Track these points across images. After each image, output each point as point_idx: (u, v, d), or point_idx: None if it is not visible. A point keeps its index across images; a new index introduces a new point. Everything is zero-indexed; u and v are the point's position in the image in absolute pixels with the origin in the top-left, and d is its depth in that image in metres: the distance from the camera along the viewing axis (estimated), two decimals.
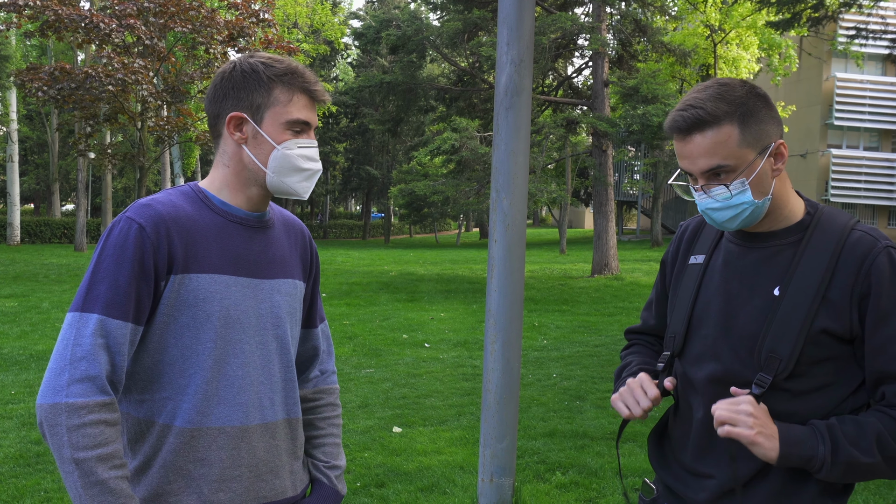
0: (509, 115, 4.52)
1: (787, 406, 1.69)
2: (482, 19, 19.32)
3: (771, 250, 1.75)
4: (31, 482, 5.12)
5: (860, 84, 37.49)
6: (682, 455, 1.86)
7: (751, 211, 1.69)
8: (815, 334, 1.65)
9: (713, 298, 1.80)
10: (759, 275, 1.74)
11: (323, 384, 2.11)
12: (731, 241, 1.83)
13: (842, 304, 1.65)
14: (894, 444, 1.61)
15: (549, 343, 10.76)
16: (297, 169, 1.83)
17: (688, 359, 1.84)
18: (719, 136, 1.66)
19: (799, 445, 1.62)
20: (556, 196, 18.48)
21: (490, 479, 4.59)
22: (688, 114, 1.67)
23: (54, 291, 15.62)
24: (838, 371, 1.69)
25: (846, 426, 1.63)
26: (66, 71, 16.98)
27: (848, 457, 1.60)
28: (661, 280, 2.05)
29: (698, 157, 1.68)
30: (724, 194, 1.69)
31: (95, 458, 1.58)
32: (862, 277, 1.64)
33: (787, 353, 1.66)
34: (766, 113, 1.71)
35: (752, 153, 1.68)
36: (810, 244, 1.71)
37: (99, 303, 1.66)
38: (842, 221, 1.73)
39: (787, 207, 1.76)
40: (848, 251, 1.67)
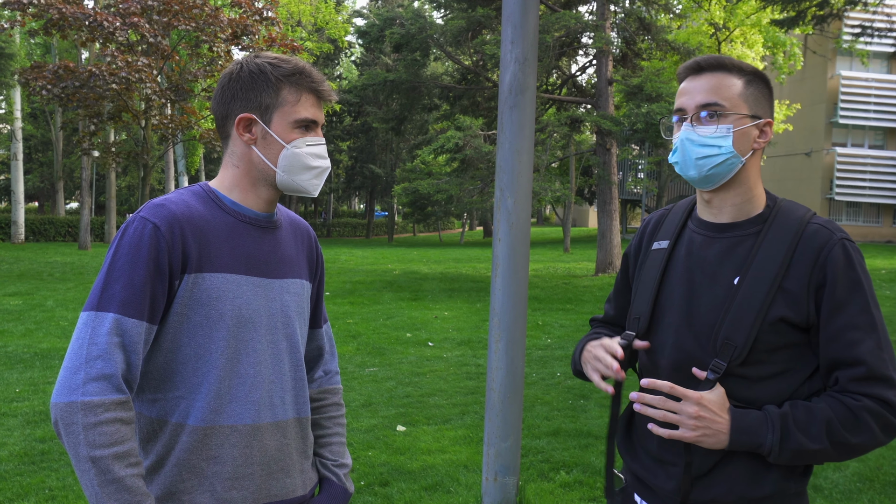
0: (513, 114, 4.51)
1: (747, 392, 1.74)
2: (486, 17, 19.31)
3: (732, 241, 1.82)
4: (35, 480, 5.12)
5: (865, 82, 37.41)
6: (648, 443, 1.90)
7: (724, 159, 1.77)
8: (773, 323, 1.71)
9: (676, 288, 1.86)
10: (721, 265, 1.80)
11: (327, 384, 2.12)
12: (695, 231, 1.89)
13: (799, 294, 1.72)
14: (842, 430, 1.67)
15: (553, 342, 10.75)
16: (306, 167, 1.86)
17: (652, 346, 1.90)
18: (726, 81, 1.80)
19: (748, 434, 1.69)
20: (560, 195, 18.47)
21: (494, 478, 4.58)
22: (710, 55, 1.82)
23: (58, 290, 15.64)
24: (795, 358, 1.75)
25: (798, 413, 1.69)
26: (70, 69, 17.01)
27: (796, 444, 1.67)
28: (623, 273, 2.11)
29: (700, 92, 1.80)
30: (710, 132, 1.78)
31: (112, 456, 1.59)
32: (818, 268, 1.71)
33: (741, 341, 1.71)
34: (767, 92, 1.84)
35: (746, 110, 1.80)
36: (769, 235, 1.78)
37: (115, 302, 1.67)
38: (799, 214, 1.80)
39: (753, 192, 1.84)
40: (805, 243, 1.74)
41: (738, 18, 21.62)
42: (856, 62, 36.03)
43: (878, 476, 5.24)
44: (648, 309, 1.89)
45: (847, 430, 1.67)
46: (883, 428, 1.68)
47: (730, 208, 1.84)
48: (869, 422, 1.67)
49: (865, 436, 1.67)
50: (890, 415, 1.68)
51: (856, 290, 1.71)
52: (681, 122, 1.83)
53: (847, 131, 38.36)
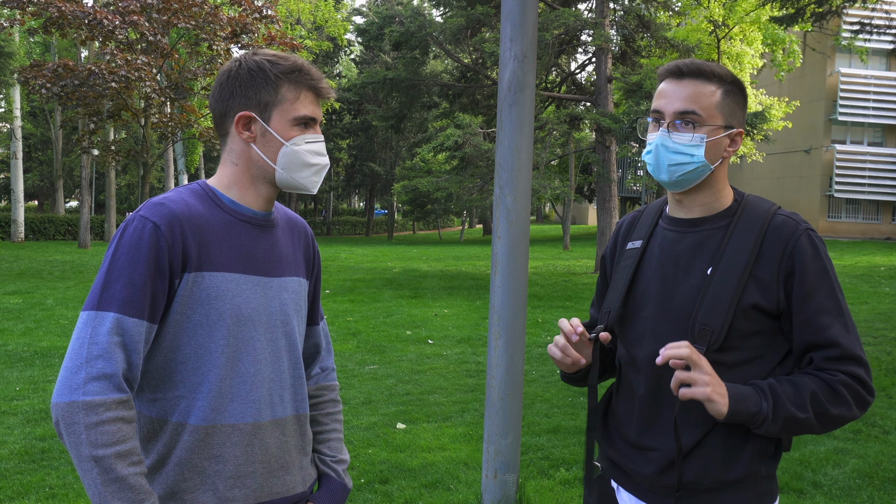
0: (513, 112, 4.52)
1: (724, 377, 1.80)
2: (485, 15, 19.30)
3: (703, 234, 1.90)
4: (35, 478, 5.13)
5: (864, 79, 37.36)
6: (626, 431, 1.97)
7: (695, 167, 1.85)
8: (745, 309, 1.80)
9: (651, 282, 1.94)
10: (694, 257, 1.89)
11: (324, 381, 2.13)
12: (667, 229, 1.97)
13: (769, 282, 1.81)
14: (824, 401, 1.76)
15: (552, 339, 10.74)
16: (305, 164, 1.86)
17: (629, 339, 1.97)
18: (705, 89, 1.85)
19: (745, 401, 1.75)
20: (560, 192, 18.46)
21: (494, 476, 4.59)
22: (691, 61, 1.87)
23: (58, 288, 15.65)
24: (767, 344, 1.84)
25: (784, 385, 1.78)
26: (70, 68, 16.99)
27: (786, 412, 1.74)
28: (602, 275, 2.18)
29: (679, 99, 1.85)
30: (685, 139, 1.84)
31: (114, 455, 1.59)
32: (787, 257, 1.81)
33: (718, 326, 1.80)
34: (742, 102, 1.90)
35: (721, 120, 1.86)
36: (738, 227, 1.87)
37: (115, 301, 1.66)
38: (765, 207, 1.89)
39: (721, 192, 1.92)
40: (772, 233, 1.83)
41: (737, 16, 21.60)
42: (855, 59, 36.00)
43: (877, 472, 5.25)
44: (619, 303, 1.97)
45: (828, 402, 1.76)
46: (857, 401, 1.78)
47: (699, 207, 1.92)
48: (845, 394, 1.77)
49: (843, 408, 1.77)
50: (862, 390, 1.78)
51: (823, 277, 1.81)
52: (657, 124, 1.90)
53: (846, 128, 38.33)
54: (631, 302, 1.97)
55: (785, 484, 5.06)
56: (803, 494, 4.92)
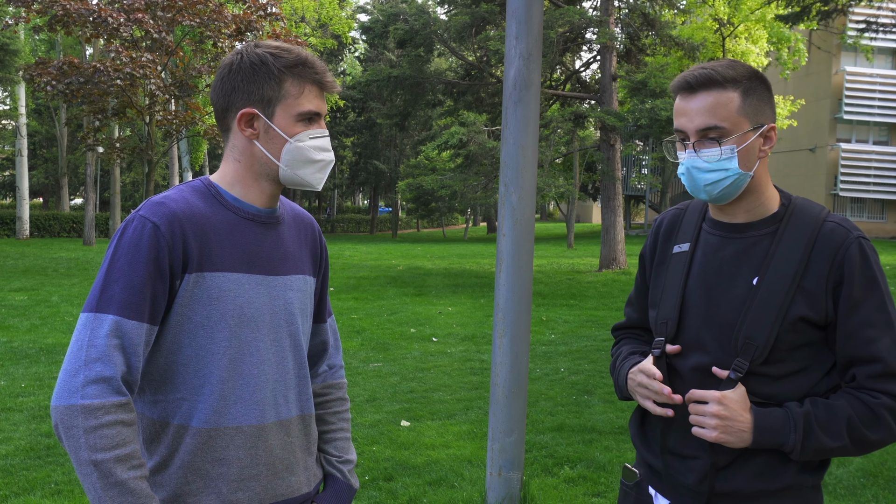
0: (518, 109, 4.51)
1: (768, 389, 1.76)
2: (490, 13, 19.29)
3: (748, 241, 1.82)
4: (41, 474, 5.15)
5: (870, 78, 37.28)
6: (666, 438, 1.91)
7: (733, 180, 1.76)
8: (792, 322, 1.73)
9: (694, 290, 1.87)
10: (739, 265, 1.81)
11: (331, 379, 2.09)
12: (710, 233, 1.89)
13: (817, 293, 1.73)
14: (861, 427, 1.69)
15: (557, 337, 10.76)
16: (310, 161, 1.81)
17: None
18: (722, 98, 1.74)
19: (771, 433, 1.71)
20: (564, 190, 18.47)
21: (498, 473, 4.59)
22: (698, 73, 1.76)
23: (63, 285, 15.68)
24: (814, 355, 1.78)
25: (819, 411, 1.71)
26: (75, 65, 17.01)
27: (817, 443, 1.70)
28: (641, 274, 2.10)
29: (698, 115, 1.76)
30: (714, 156, 1.75)
31: (114, 459, 1.56)
32: (836, 267, 1.72)
33: (763, 340, 1.73)
34: (766, 96, 1.79)
35: (748, 125, 1.76)
36: (785, 234, 1.78)
37: (114, 303, 1.63)
38: (815, 212, 1.80)
39: (764, 195, 1.83)
40: (821, 242, 1.75)
41: (742, 14, 21.56)
42: (860, 58, 35.92)
43: (882, 472, 5.24)
44: (675, 314, 1.88)
45: (866, 427, 1.70)
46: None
47: (743, 213, 1.84)
48: (887, 418, 1.70)
49: (883, 432, 1.71)
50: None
51: (872, 288, 1.73)
52: (683, 144, 1.81)
53: (851, 127, 38.25)
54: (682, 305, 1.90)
55: None
56: None
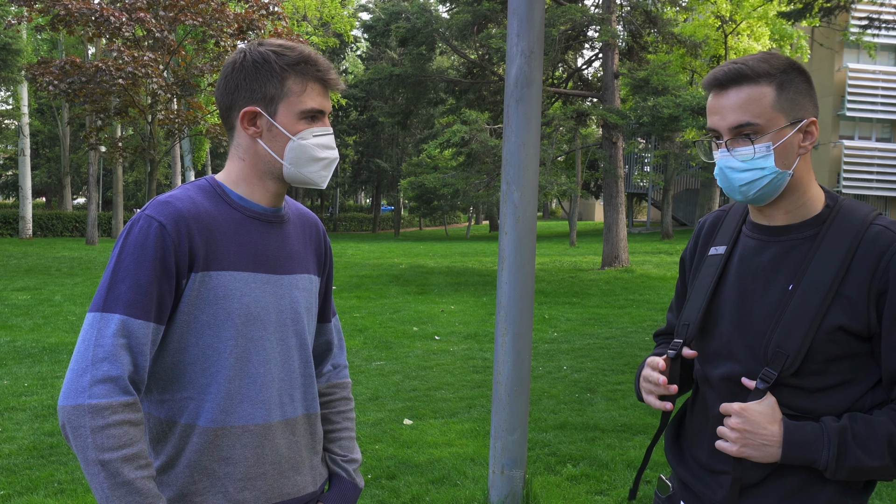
0: (520, 107, 4.51)
1: (804, 403, 1.66)
2: (492, 11, 19.28)
3: (787, 245, 1.71)
4: (44, 473, 5.15)
5: (872, 74, 37.21)
6: (698, 452, 1.84)
7: (770, 179, 1.65)
8: (830, 331, 1.61)
9: (728, 295, 1.77)
10: (775, 270, 1.70)
11: (336, 378, 2.10)
12: (749, 236, 1.79)
13: (859, 301, 1.60)
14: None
15: (559, 335, 10.75)
16: (314, 159, 1.81)
17: (704, 356, 1.83)
18: (754, 94, 1.64)
19: (803, 449, 1.61)
20: (567, 188, 18.45)
21: (501, 472, 4.59)
22: (729, 68, 1.66)
23: (66, 284, 15.70)
24: (856, 368, 1.65)
25: (857, 427, 1.59)
26: (77, 65, 17.04)
27: (854, 461, 1.58)
28: (681, 279, 2.01)
29: (730, 112, 1.66)
30: (748, 154, 1.65)
31: (121, 459, 1.56)
32: (880, 274, 1.59)
33: (794, 349, 1.62)
34: (805, 88, 1.68)
35: (784, 120, 1.65)
36: (826, 239, 1.66)
37: (120, 303, 1.63)
38: (861, 215, 1.67)
39: (807, 195, 1.72)
40: (865, 246, 1.62)
41: (744, 11, 21.53)
42: (863, 55, 35.83)
43: None
44: (698, 316, 1.81)
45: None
46: None
47: (783, 214, 1.73)
48: None
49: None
50: None
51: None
52: (717, 144, 1.72)
53: (854, 124, 38.19)
54: (708, 316, 1.80)
55: None
56: None
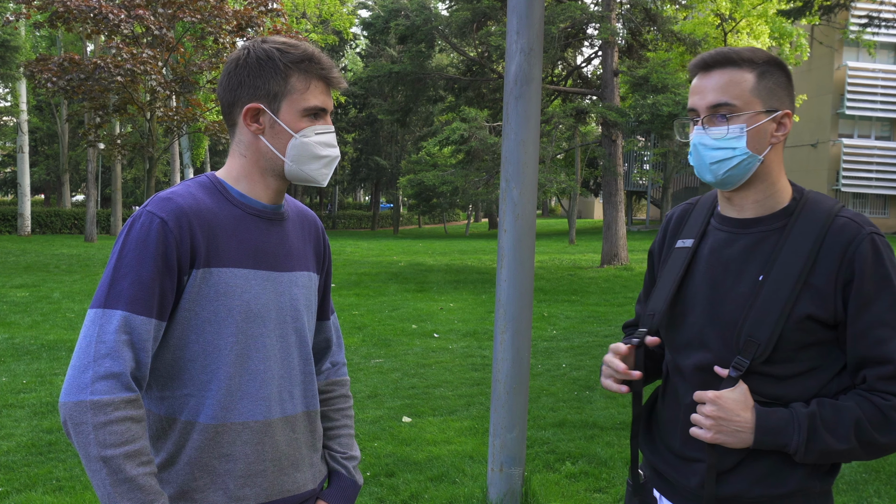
0: (519, 105, 4.50)
1: (774, 390, 1.72)
2: (491, 9, 19.27)
3: (757, 236, 1.77)
4: (43, 471, 5.15)
5: (872, 73, 37.25)
6: (670, 440, 1.89)
7: (740, 160, 1.72)
8: (799, 320, 1.68)
9: (700, 287, 1.82)
10: (746, 262, 1.77)
11: (335, 376, 2.10)
12: (718, 229, 1.85)
13: (826, 290, 1.68)
14: (871, 429, 1.64)
15: (558, 333, 10.76)
16: (315, 156, 1.81)
17: (675, 346, 1.88)
18: (736, 77, 1.73)
19: (774, 434, 1.67)
20: (566, 186, 18.44)
21: (500, 469, 4.59)
22: (716, 51, 1.76)
23: (65, 282, 15.69)
24: (823, 355, 1.72)
25: (825, 412, 1.66)
26: (76, 61, 17.02)
27: (822, 445, 1.65)
28: (650, 271, 2.07)
29: (710, 92, 1.74)
30: (721, 133, 1.73)
31: (123, 456, 1.56)
32: (846, 264, 1.67)
33: (765, 338, 1.68)
34: (784, 81, 1.77)
35: (760, 106, 1.73)
36: (794, 230, 1.73)
37: (122, 299, 1.63)
38: (826, 207, 1.75)
39: (776, 186, 1.79)
40: (832, 237, 1.69)
41: (744, 9, 21.52)
42: (862, 53, 35.85)
43: (884, 467, 5.24)
44: (664, 306, 1.86)
45: (876, 430, 1.64)
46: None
47: (752, 205, 1.79)
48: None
49: (894, 435, 1.65)
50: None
51: (884, 285, 1.66)
52: (694, 124, 1.79)
53: (854, 122, 38.22)
54: (678, 307, 1.86)
55: None
56: None
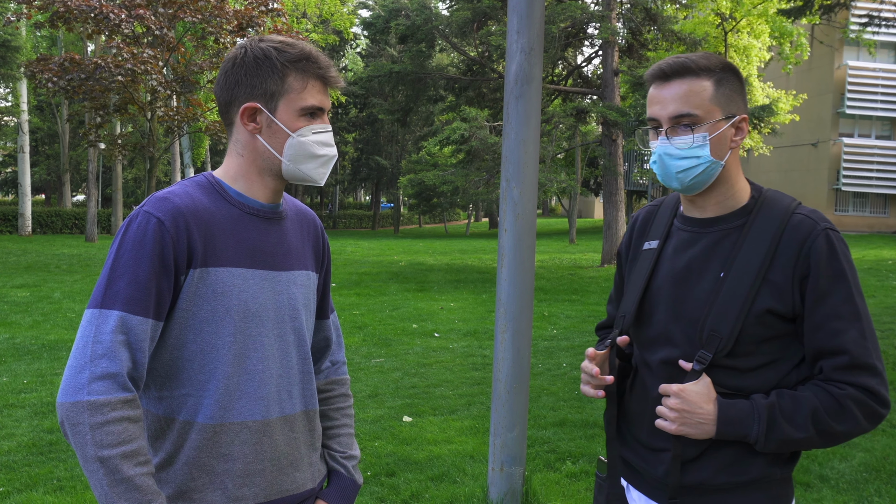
0: (519, 104, 4.50)
1: (736, 382, 1.78)
2: (491, 8, 19.25)
3: (718, 235, 1.84)
4: (44, 470, 5.15)
5: (872, 72, 37.22)
6: (638, 432, 1.95)
7: (705, 167, 1.78)
8: (759, 315, 1.74)
9: (664, 285, 1.89)
10: (708, 260, 1.83)
11: (334, 375, 2.10)
12: (681, 229, 1.92)
13: (784, 285, 1.74)
14: (828, 419, 1.71)
15: (558, 333, 10.76)
16: (312, 156, 1.81)
17: (643, 343, 1.94)
18: (695, 86, 1.78)
19: (735, 425, 1.74)
20: (566, 186, 18.43)
21: (500, 469, 4.59)
22: (672, 61, 1.80)
23: (65, 282, 15.69)
24: (783, 348, 1.79)
25: (784, 402, 1.73)
26: (76, 61, 17.02)
27: (782, 433, 1.72)
28: (618, 272, 2.14)
29: (671, 102, 1.78)
30: (686, 143, 1.78)
31: (120, 456, 1.56)
32: (802, 259, 1.73)
33: (727, 332, 1.75)
34: (738, 87, 1.82)
35: (720, 114, 1.79)
36: (753, 228, 1.80)
37: (119, 299, 1.63)
38: (784, 204, 1.81)
39: (735, 187, 1.85)
40: (789, 234, 1.76)
41: (744, 8, 21.50)
42: (863, 52, 35.84)
43: (884, 466, 5.24)
44: (634, 308, 1.93)
45: (832, 419, 1.71)
46: (867, 416, 1.73)
47: (713, 206, 1.86)
48: (853, 410, 1.71)
49: (850, 424, 1.72)
50: (873, 403, 1.72)
51: (839, 280, 1.73)
52: (656, 132, 1.83)
53: (854, 121, 38.19)
54: (646, 305, 1.93)
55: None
56: (810, 488, 4.92)
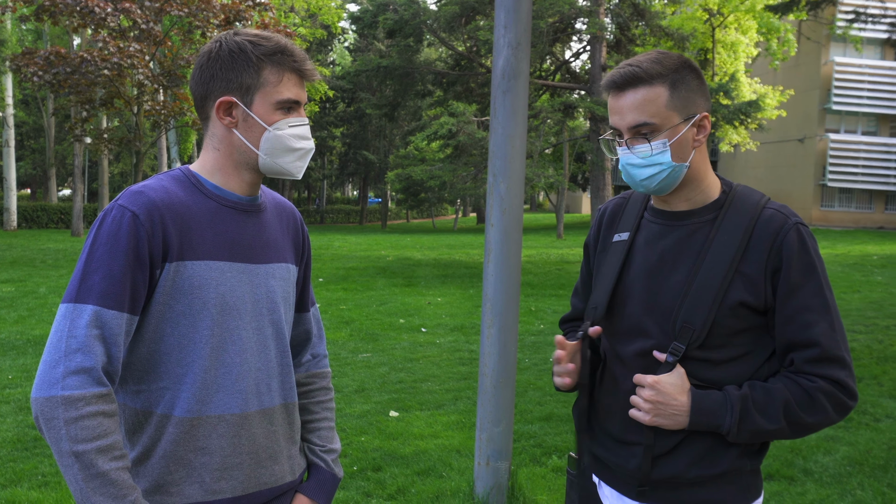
0: (506, 99, 4.50)
1: (709, 374, 1.81)
2: (480, 3, 19.25)
3: (690, 228, 1.86)
4: (28, 466, 5.13)
5: (859, 68, 37.42)
6: (609, 426, 1.95)
7: (668, 173, 1.79)
8: (732, 307, 1.76)
9: (636, 277, 1.90)
10: (680, 252, 1.85)
11: (315, 368, 2.09)
12: (652, 221, 1.93)
13: (756, 278, 1.77)
14: (798, 410, 1.75)
15: (545, 327, 10.77)
16: (289, 149, 1.80)
17: (615, 335, 1.94)
18: (649, 95, 1.77)
19: (708, 415, 1.76)
20: (554, 181, 18.48)
21: (486, 463, 4.60)
22: (624, 71, 1.79)
23: (51, 276, 15.61)
24: (755, 341, 1.82)
25: (756, 394, 1.76)
26: (62, 55, 16.90)
27: (754, 424, 1.74)
28: (585, 264, 2.14)
29: (628, 112, 1.79)
30: (646, 151, 1.79)
31: (95, 451, 1.56)
32: (774, 253, 1.76)
33: (699, 324, 1.77)
34: (696, 84, 1.81)
35: (678, 118, 1.79)
36: (725, 222, 1.82)
37: (93, 293, 1.62)
38: (754, 200, 1.84)
39: (704, 183, 1.86)
40: (760, 228, 1.78)
41: (732, 4, 21.59)
42: (849, 48, 36.04)
43: (867, 460, 5.28)
44: (605, 299, 1.93)
45: (802, 410, 1.75)
46: (836, 407, 1.76)
47: (684, 202, 1.88)
48: (823, 402, 1.75)
49: (819, 415, 1.75)
50: (842, 395, 1.75)
51: (810, 273, 1.76)
52: (618, 141, 1.86)
53: (840, 117, 38.39)
54: (617, 297, 1.93)
55: (775, 471, 5.08)
56: (794, 481, 4.95)
